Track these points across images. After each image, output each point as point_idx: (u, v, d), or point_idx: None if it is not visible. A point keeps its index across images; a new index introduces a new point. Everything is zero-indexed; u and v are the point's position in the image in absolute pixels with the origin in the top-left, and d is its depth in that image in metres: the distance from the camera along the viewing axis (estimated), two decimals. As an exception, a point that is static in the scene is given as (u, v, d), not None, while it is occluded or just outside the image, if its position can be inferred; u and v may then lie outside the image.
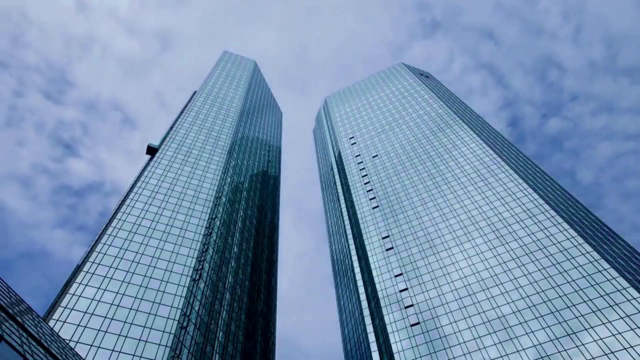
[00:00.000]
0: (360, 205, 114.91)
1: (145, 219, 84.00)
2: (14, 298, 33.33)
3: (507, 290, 74.31)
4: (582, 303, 66.48)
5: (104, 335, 59.81)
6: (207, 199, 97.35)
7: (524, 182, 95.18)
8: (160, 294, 69.66)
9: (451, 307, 76.33)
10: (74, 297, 63.44)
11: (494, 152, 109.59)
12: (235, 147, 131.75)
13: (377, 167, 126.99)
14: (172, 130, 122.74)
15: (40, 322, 35.17)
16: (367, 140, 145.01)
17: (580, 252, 74.10)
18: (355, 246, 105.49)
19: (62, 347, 36.12)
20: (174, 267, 75.87)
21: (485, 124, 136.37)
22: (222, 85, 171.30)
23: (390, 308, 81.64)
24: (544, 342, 63.94)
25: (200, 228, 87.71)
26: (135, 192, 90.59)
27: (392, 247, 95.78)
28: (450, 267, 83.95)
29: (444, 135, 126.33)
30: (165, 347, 61.24)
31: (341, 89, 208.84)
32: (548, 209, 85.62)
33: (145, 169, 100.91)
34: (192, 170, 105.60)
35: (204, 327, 72.00)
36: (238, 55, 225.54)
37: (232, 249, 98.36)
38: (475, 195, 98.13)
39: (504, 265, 79.03)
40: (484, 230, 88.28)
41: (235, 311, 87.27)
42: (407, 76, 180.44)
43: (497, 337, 68.06)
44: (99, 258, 71.77)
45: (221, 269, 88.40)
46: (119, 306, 64.94)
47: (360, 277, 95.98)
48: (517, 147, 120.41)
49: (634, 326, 60.28)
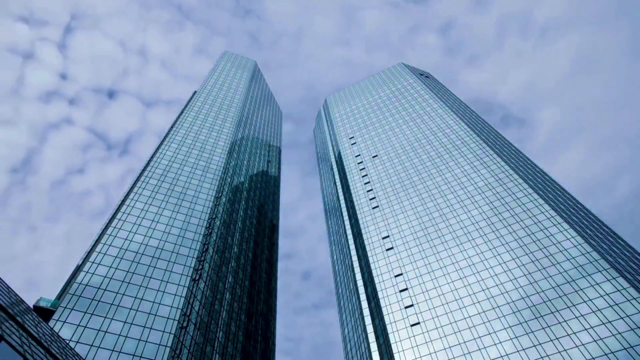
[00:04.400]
0: (360, 205, 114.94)
1: (145, 219, 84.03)
2: (14, 298, 33.35)
3: (507, 290, 74.33)
4: (582, 303, 66.50)
5: (104, 335, 59.84)
6: (207, 199, 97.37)
7: (524, 182, 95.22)
8: (160, 294, 69.69)
9: (451, 307, 76.34)
10: (74, 297, 63.48)
11: (494, 152, 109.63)
12: (235, 147, 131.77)
13: (377, 167, 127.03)
14: (172, 130, 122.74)
15: (40, 322, 35.18)
16: (367, 140, 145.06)
17: (580, 252, 74.12)
18: (355, 246, 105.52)
19: (62, 347, 36.13)
20: (174, 267, 75.90)
21: (485, 123, 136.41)
22: (222, 85, 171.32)
23: (390, 308, 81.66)
24: (544, 342, 63.96)
25: (200, 228, 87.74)
26: (135, 192, 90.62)
27: (392, 247, 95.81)
28: (450, 267, 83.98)
29: (444, 135, 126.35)
30: (165, 347, 61.27)
31: (341, 89, 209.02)
32: (548, 209, 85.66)
33: (145, 169, 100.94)
34: (192, 170, 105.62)
35: (204, 327, 72.03)
36: (238, 55, 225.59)
37: (232, 249, 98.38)
38: (475, 195, 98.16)
39: (503, 265, 79.06)
40: (483, 230, 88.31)
41: (235, 311, 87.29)
42: (407, 76, 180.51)
43: (497, 337, 68.10)
44: (99, 258, 71.81)
45: (221, 269, 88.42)
46: (119, 306, 64.98)
47: (360, 277, 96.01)
48: (516, 146, 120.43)
49: (634, 326, 60.30)
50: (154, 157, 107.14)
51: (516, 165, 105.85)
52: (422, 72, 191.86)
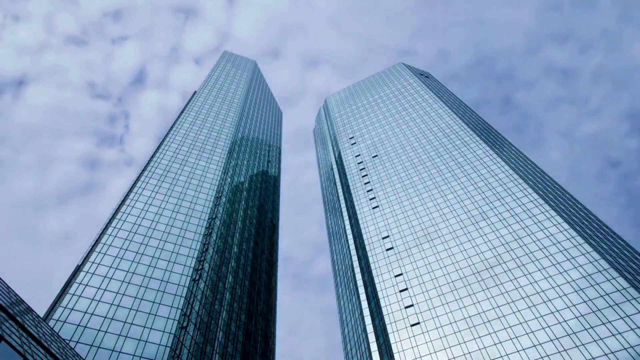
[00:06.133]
0: (360, 205, 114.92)
1: (145, 219, 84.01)
2: (14, 298, 33.33)
3: (507, 290, 74.31)
4: (582, 303, 66.49)
5: (104, 335, 59.82)
6: (207, 199, 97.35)
7: (524, 182, 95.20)
8: (160, 294, 69.67)
9: (451, 307, 76.33)
10: (74, 297, 63.45)
11: (494, 152, 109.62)
12: (235, 147, 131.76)
13: (377, 167, 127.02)
14: (172, 130, 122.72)
15: (40, 322, 35.17)
16: (367, 140, 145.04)
17: (580, 252, 74.10)
18: (355, 246, 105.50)
19: (62, 347, 36.12)
20: (174, 267, 75.88)
21: (485, 123, 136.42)
22: (222, 85, 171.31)
23: (390, 308, 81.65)
24: (543, 342, 63.94)
25: (200, 228, 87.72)
26: (136, 192, 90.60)
27: (392, 247, 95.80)
28: (450, 267, 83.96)
29: (443, 135, 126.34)
30: (165, 347, 61.25)
31: (341, 89, 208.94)
32: (548, 209, 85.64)
33: (146, 169, 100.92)
34: (192, 170, 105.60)
35: (204, 327, 72.01)
36: (238, 55, 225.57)
37: (232, 249, 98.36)
38: (475, 195, 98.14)
39: (504, 265, 79.04)
40: (484, 230, 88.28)
41: (235, 311, 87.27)
42: (407, 76, 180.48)
43: (497, 337, 68.07)
44: (99, 258, 71.78)
45: (221, 269, 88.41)
46: (119, 306, 64.95)
47: (360, 277, 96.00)
48: (516, 146, 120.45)
49: (634, 326, 60.28)
50: (154, 157, 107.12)
51: (516, 165, 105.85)
52: (422, 72, 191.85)
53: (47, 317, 61.53)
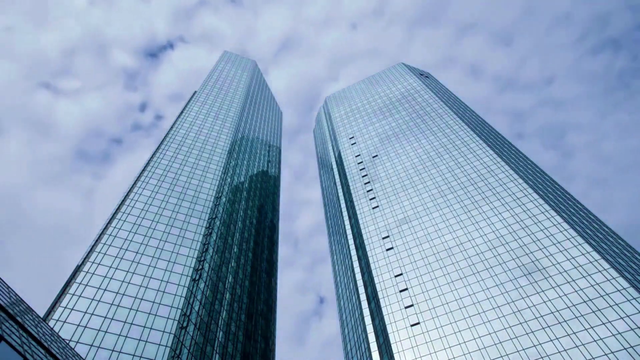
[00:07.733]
0: (360, 205, 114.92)
1: (145, 219, 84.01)
2: (14, 298, 33.33)
3: (507, 290, 74.33)
4: (582, 303, 66.49)
5: (104, 335, 59.82)
6: (207, 199, 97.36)
7: (524, 182, 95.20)
8: (160, 294, 69.68)
9: (451, 307, 76.32)
10: (74, 297, 63.46)
11: (494, 152, 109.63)
12: (235, 147, 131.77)
13: (377, 167, 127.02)
14: (172, 130, 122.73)
15: (40, 322, 35.17)
16: (367, 140, 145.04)
17: (580, 252, 74.11)
18: (355, 246, 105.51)
19: (62, 347, 36.12)
20: (174, 267, 75.89)
21: (485, 123, 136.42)
22: (222, 85, 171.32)
23: (390, 308, 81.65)
24: (544, 342, 63.96)
25: (200, 228, 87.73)
26: (135, 192, 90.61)
27: (392, 247, 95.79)
28: (450, 267, 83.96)
29: (443, 135, 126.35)
30: (165, 347, 61.27)
31: (341, 89, 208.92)
32: (548, 209, 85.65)
33: (145, 169, 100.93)
34: (192, 170, 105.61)
35: (204, 327, 72.01)
36: (238, 55, 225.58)
37: (232, 249, 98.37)
38: (476, 196, 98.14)
39: (503, 265, 79.05)
40: (484, 230, 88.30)
41: (235, 311, 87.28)
42: (407, 76, 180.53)
43: (498, 337, 68.09)
44: (99, 258, 71.79)
45: (221, 269, 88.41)
46: (119, 306, 64.96)
47: (360, 277, 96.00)
48: (516, 146, 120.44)
49: (634, 326, 60.29)
50: (154, 157, 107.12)
51: (516, 165, 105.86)
52: (422, 72, 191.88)
53: (47, 317, 61.54)
